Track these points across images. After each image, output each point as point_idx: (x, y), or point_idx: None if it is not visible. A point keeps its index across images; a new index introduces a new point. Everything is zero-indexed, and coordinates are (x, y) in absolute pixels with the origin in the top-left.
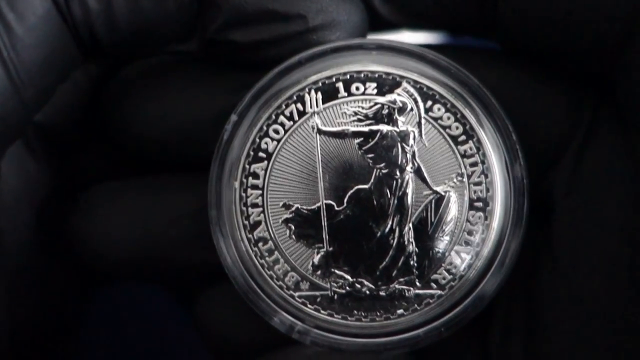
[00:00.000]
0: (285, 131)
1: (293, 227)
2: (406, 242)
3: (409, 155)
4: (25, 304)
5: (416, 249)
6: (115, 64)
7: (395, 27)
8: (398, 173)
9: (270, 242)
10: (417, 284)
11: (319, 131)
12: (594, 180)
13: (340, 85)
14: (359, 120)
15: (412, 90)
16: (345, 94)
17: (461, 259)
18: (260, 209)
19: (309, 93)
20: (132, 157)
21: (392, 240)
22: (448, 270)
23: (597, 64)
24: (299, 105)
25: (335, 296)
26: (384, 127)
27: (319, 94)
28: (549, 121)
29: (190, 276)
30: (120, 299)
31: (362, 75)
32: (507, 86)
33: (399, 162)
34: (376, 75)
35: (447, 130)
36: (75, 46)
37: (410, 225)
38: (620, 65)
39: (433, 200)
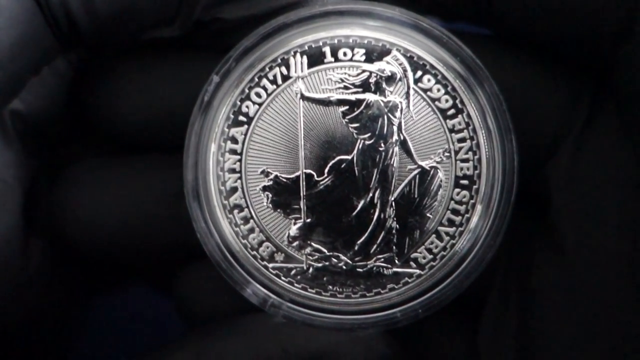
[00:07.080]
0: (268, 95)
1: (270, 196)
2: (387, 218)
3: (395, 127)
4: (9, 302)
5: (397, 226)
6: (96, 51)
7: None
8: (382, 145)
9: (246, 210)
10: (396, 262)
11: (303, 97)
12: (592, 171)
13: (327, 49)
14: (345, 87)
15: (402, 58)
16: (332, 60)
17: (443, 239)
18: (238, 174)
19: (294, 57)
20: (116, 142)
21: (372, 215)
22: (429, 250)
23: (595, 53)
24: (283, 69)
25: (310, 269)
26: (371, 96)
27: (305, 58)
28: (547, 111)
29: (173, 256)
30: (120, 306)
31: (351, 40)
32: (502, 74)
33: (384, 133)
34: (365, 42)
35: (436, 102)
36: (51, 33)
37: (392, 200)
38: (619, 54)
39: (417, 176)
